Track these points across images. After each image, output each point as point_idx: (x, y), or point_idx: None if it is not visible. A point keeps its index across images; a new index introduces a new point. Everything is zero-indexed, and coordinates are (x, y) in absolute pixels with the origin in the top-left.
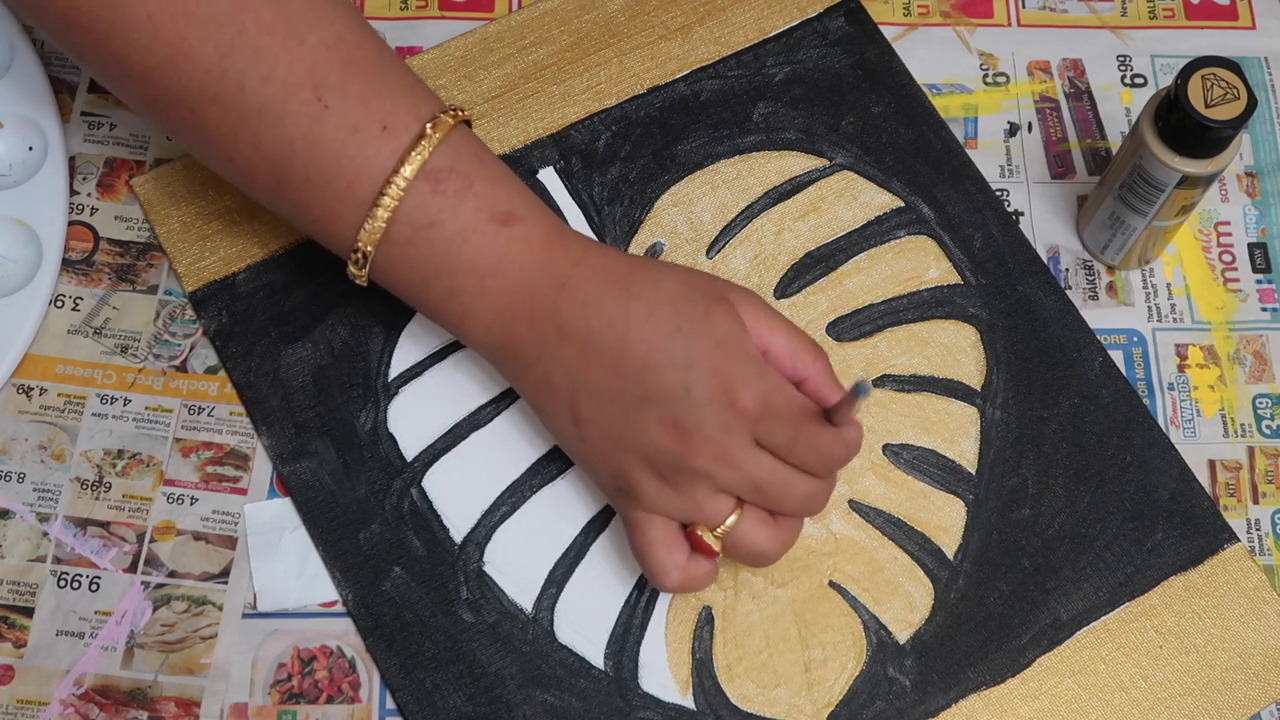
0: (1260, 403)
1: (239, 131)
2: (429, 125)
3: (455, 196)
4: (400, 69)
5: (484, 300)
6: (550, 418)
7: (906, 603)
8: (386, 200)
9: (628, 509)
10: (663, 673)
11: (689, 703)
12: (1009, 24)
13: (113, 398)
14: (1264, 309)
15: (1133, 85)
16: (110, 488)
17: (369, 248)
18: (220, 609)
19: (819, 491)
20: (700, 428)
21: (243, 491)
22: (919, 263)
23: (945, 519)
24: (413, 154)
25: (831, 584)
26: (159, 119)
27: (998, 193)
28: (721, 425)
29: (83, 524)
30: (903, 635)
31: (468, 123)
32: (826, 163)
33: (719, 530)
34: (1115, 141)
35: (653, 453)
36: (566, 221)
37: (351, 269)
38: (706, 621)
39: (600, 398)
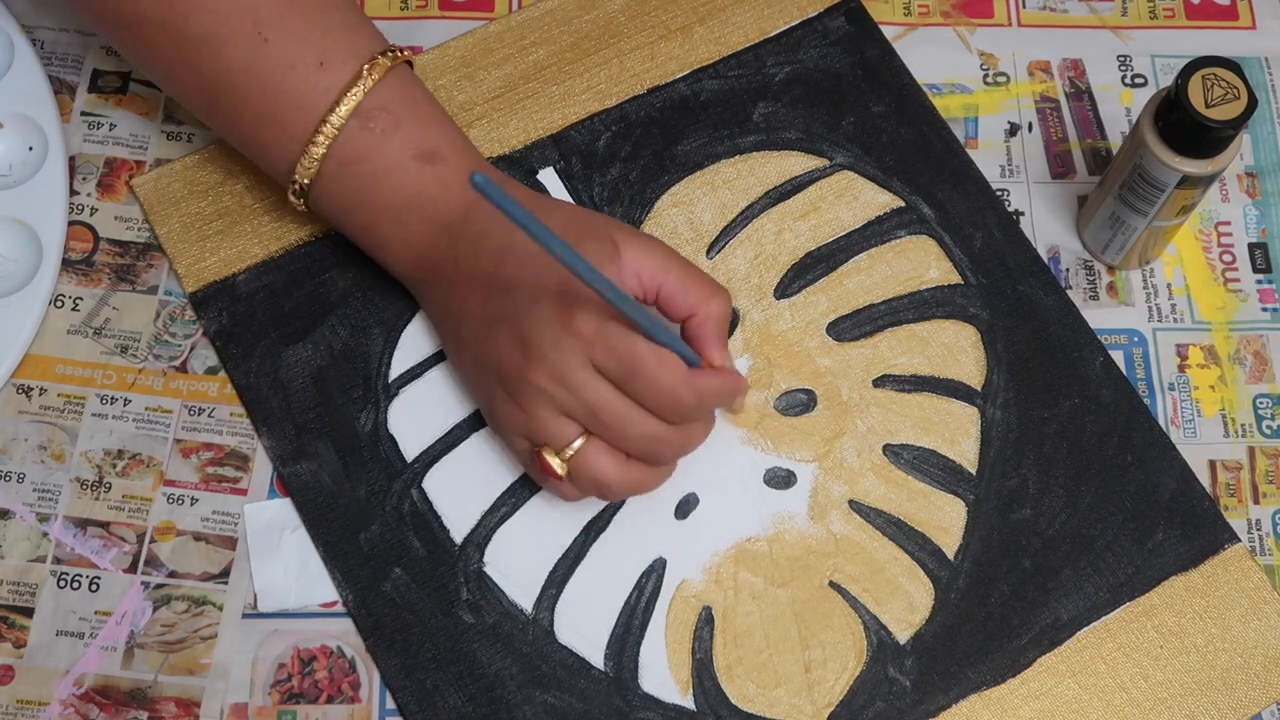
0: (1261, 403)
1: (180, 57)
2: (366, 67)
3: (382, 134)
4: (344, 7)
5: (400, 231)
6: (444, 341)
7: (907, 603)
8: (321, 139)
9: (499, 433)
10: (663, 673)
11: (689, 703)
12: (1009, 24)
13: (113, 398)
14: (1264, 309)
15: (1133, 85)
16: (110, 488)
17: (305, 181)
18: (220, 609)
19: (665, 437)
20: (539, 344)
21: (243, 492)
22: (919, 263)
23: (946, 519)
24: (348, 94)
25: (832, 584)
26: (104, 35)
27: (998, 193)
28: (556, 344)
29: (83, 524)
30: (903, 635)
31: (410, 63)
32: (827, 163)
33: (565, 455)
34: (1115, 141)
35: (502, 368)
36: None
37: (290, 198)
38: (706, 621)
39: (474, 321)
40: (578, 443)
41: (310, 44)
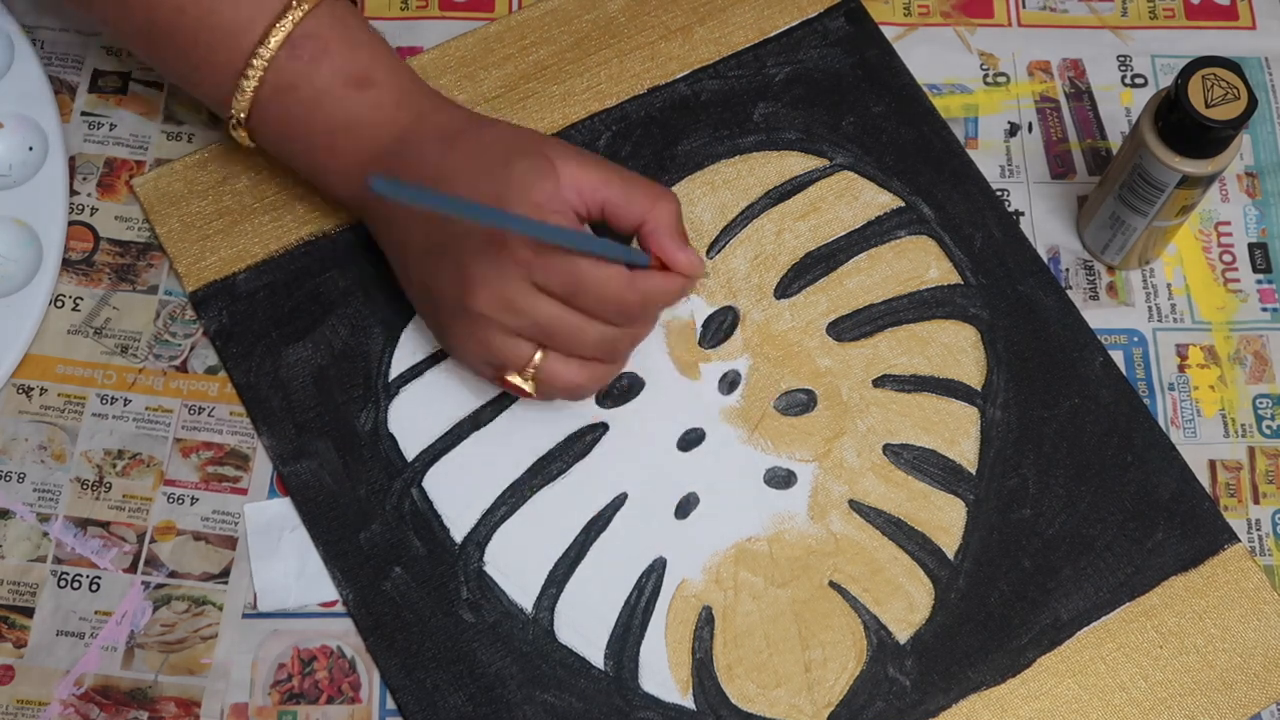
0: (1260, 403)
1: None
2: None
3: (311, 62)
4: None
5: (336, 159)
6: (394, 268)
7: (907, 603)
8: (251, 71)
9: (461, 362)
10: (663, 673)
11: (689, 703)
12: (1009, 24)
13: (113, 398)
14: (1264, 309)
15: (1133, 85)
16: (110, 488)
17: (241, 114)
18: (220, 609)
19: (618, 335)
20: (478, 271)
21: (243, 491)
22: (919, 263)
23: (946, 519)
24: (277, 26)
25: (832, 584)
26: None
27: (998, 193)
28: (496, 268)
29: (83, 524)
30: (903, 635)
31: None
32: (827, 163)
33: (527, 372)
34: (1115, 141)
35: (446, 300)
36: None
37: (231, 131)
38: (706, 621)
39: (417, 252)
40: (537, 358)
41: None
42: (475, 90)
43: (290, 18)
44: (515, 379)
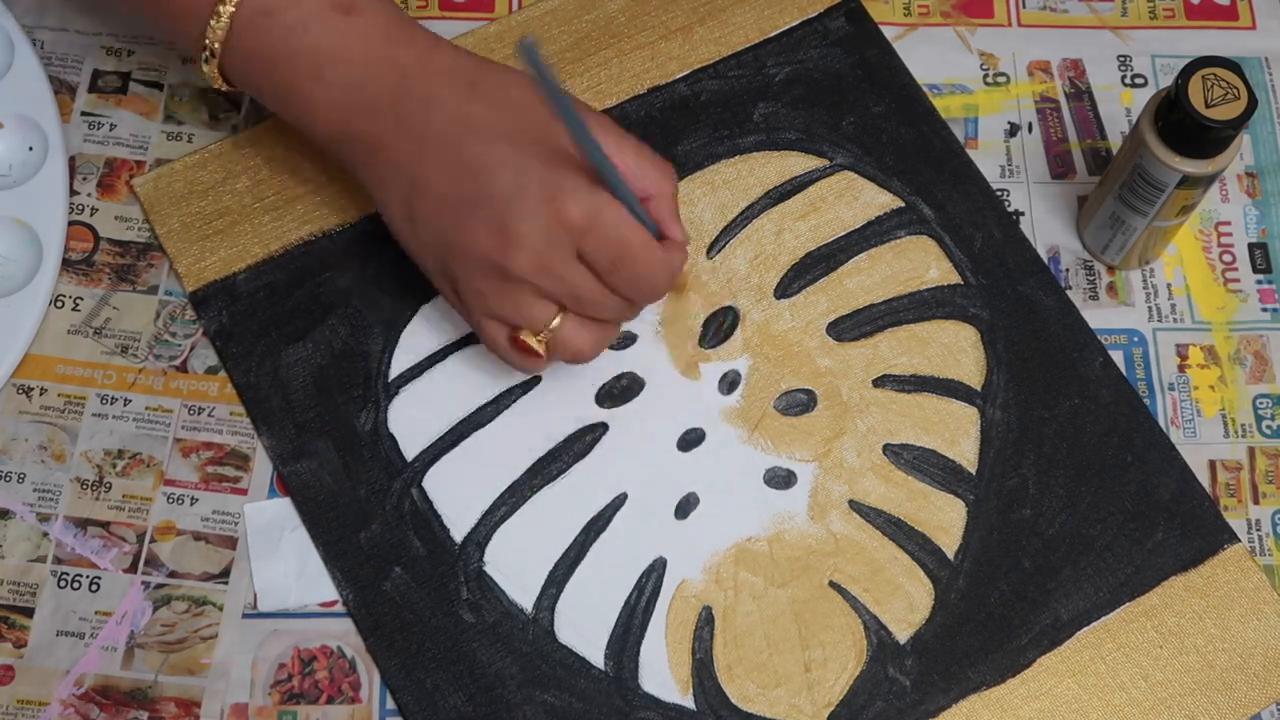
0: (1261, 403)
1: None
2: None
3: None
4: None
5: (322, 89)
6: (386, 208)
7: (907, 603)
8: None
9: (467, 313)
10: (663, 673)
11: (689, 703)
12: (1009, 24)
13: (113, 398)
14: (1264, 309)
15: (1133, 85)
16: (110, 488)
17: (216, 44)
18: (220, 609)
19: (629, 305)
20: (525, 233)
21: (243, 491)
22: (919, 263)
23: (946, 519)
24: None
25: (832, 584)
26: None
27: (998, 193)
28: (546, 233)
29: (83, 524)
30: (903, 635)
31: None
32: (827, 163)
33: (542, 335)
34: (1115, 141)
35: (478, 257)
36: None
37: (205, 69)
38: (707, 621)
39: (435, 198)
40: (555, 323)
41: None
42: None
43: None
44: (531, 340)
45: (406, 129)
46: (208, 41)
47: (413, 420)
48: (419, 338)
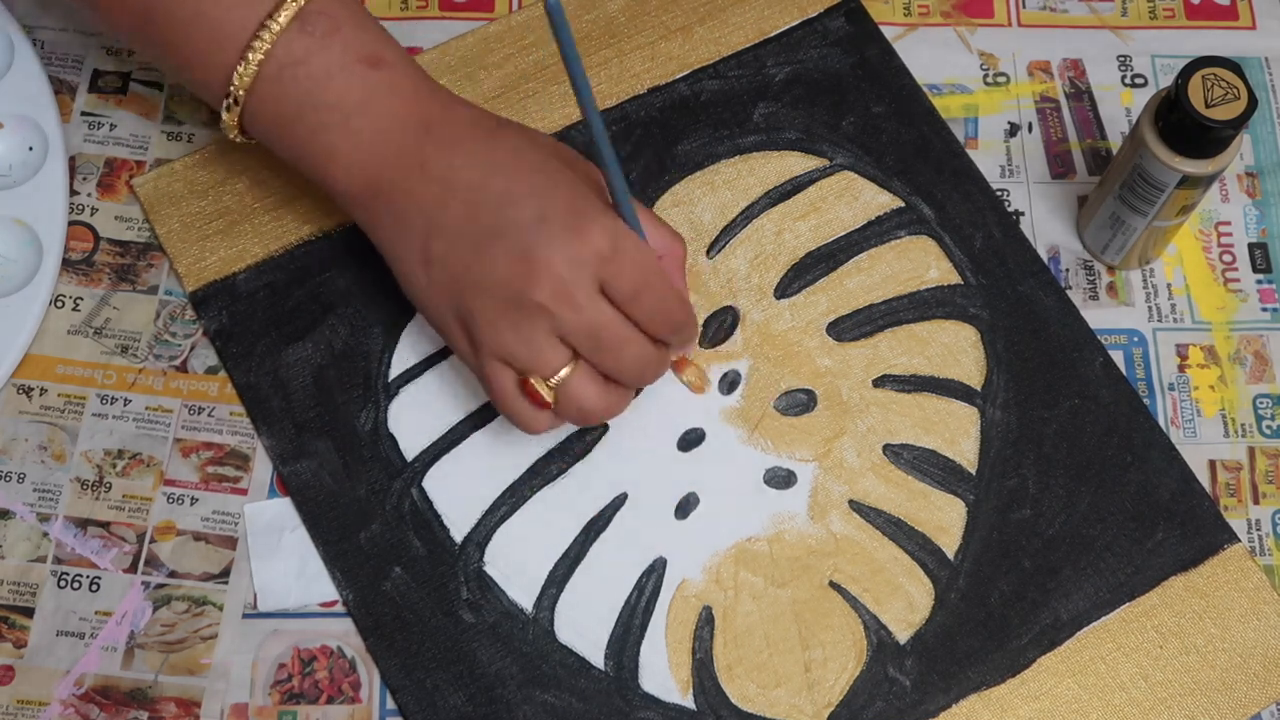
0: (1261, 403)
1: None
2: None
3: (323, 37)
4: None
5: (349, 138)
6: (400, 261)
7: (907, 603)
8: (259, 44)
9: (476, 361)
10: (663, 673)
11: (689, 703)
12: (1009, 24)
13: (113, 398)
14: (1264, 309)
15: (1133, 85)
16: (110, 488)
17: (241, 91)
18: (220, 609)
19: (654, 359)
20: (548, 258)
21: (243, 491)
22: (919, 263)
23: (945, 519)
24: (288, 1)
25: (832, 584)
26: None
27: (998, 193)
28: (569, 258)
29: (83, 524)
30: (903, 635)
31: None
32: (827, 163)
33: (552, 381)
34: (1115, 141)
35: (498, 286)
36: None
37: (224, 117)
38: (707, 621)
39: (453, 235)
40: (565, 370)
41: None
42: (475, 90)
43: None
44: (540, 386)
45: (430, 174)
46: (232, 89)
47: (413, 420)
48: (419, 338)
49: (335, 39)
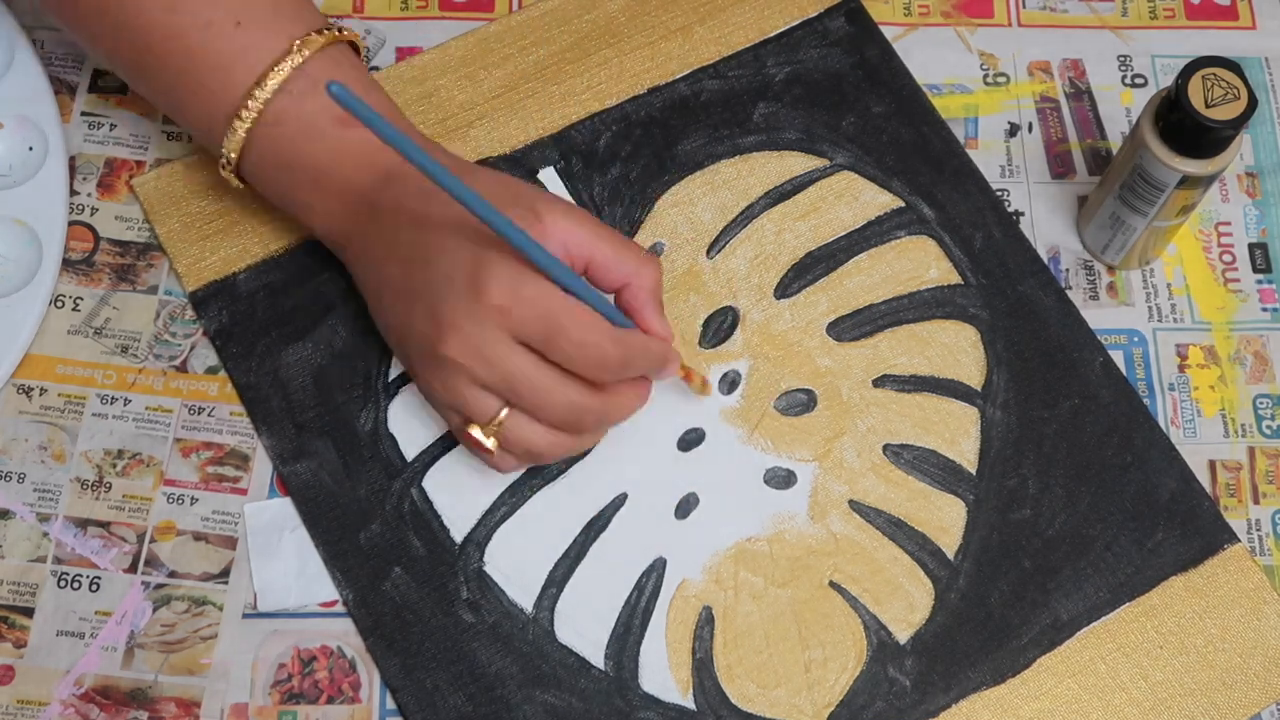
0: (1261, 403)
1: (101, 20)
2: (298, 43)
3: (300, 97)
4: None
5: (321, 195)
6: (373, 314)
7: (907, 603)
8: (245, 114)
9: (431, 404)
10: (663, 673)
11: (689, 703)
12: (1009, 24)
13: (113, 398)
14: (1264, 309)
15: (1133, 85)
16: (110, 488)
17: (232, 153)
18: (220, 609)
19: (587, 404)
20: (452, 317)
21: (243, 491)
22: (919, 263)
23: (945, 519)
24: (275, 70)
25: (832, 584)
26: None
27: (998, 193)
28: (471, 316)
29: (83, 524)
30: (903, 635)
31: (354, 47)
32: (827, 163)
33: (490, 427)
34: (1115, 141)
35: (418, 343)
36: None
37: (220, 171)
38: (707, 621)
39: (393, 291)
40: (503, 414)
41: (227, 3)
42: (475, 90)
43: (290, 62)
44: (477, 433)
45: (382, 230)
46: (224, 151)
47: (413, 420)
48: None
49: (311, 99)
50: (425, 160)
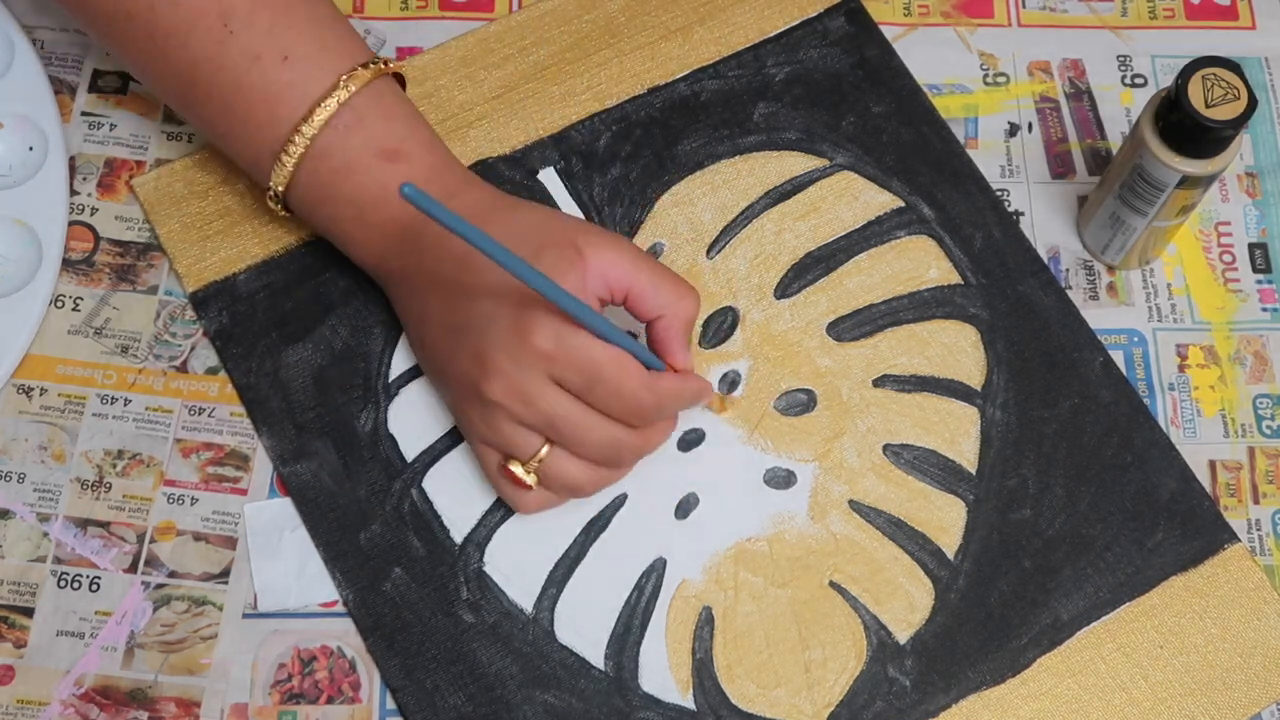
0: (1260, 403)
1: (151, 48)
2: (344, 78)
3: (344, 130)
4: (313, 6)
5: (364, 230)
6: (411, 346)
7: (907, 603)
8: (292, 148)
9: (467, 440)
10: (663, 673)
11: (689, 703)
12: (1009, 24)
13: (113, 398)
14: (1264, 309)
15: (1133, 85)
16: (110, 488)
17: (279, 187)
18: (220, 609)
19: (625, 440)
20: (496, 360)
21: (243, 492)
22: (919, 263)
23: (946, 519)
24: (322, 105)
25: (832, 584)
26: (83, 25)
27: (998, 193)
28: (514, 359)
29: (83, 524)
30: (903, 635)
31: (399, 77)
32: (827, 163)
33: (530, 464)
34: (1115, 141)
35: (461, 381)
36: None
37: (268, 202)
38: (707, 621)
39: (436, 327)
40: (543, 451)
41: (275, 37)
42: (475, 90)
43: (336, 98)
44: (518, 469)
45: (425, 267)
46: (272, 184)
47: (413, 421)
48: None
49: (356, 133)
50: (493, 246)
